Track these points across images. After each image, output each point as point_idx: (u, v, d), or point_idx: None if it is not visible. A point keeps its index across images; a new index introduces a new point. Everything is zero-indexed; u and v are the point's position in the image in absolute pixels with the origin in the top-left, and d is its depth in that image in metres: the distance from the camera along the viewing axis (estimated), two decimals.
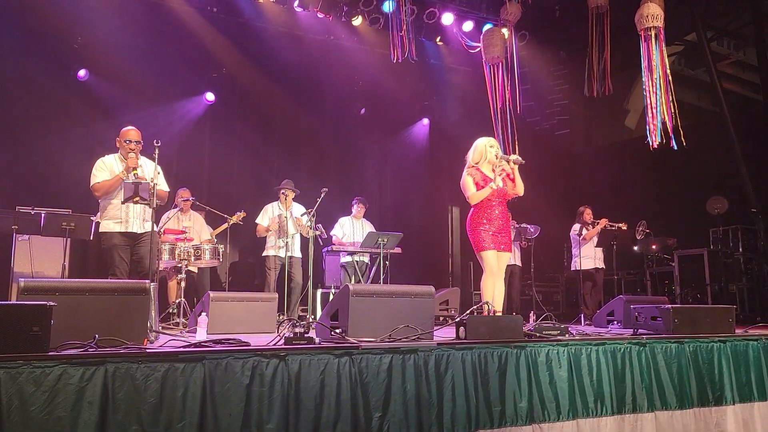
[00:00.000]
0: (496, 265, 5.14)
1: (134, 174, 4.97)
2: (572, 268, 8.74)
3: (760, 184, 8.90)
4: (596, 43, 7.67)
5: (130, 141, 5.12)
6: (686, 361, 4.45)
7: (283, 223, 7.00)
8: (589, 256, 8.39)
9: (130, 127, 5.22)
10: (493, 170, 5.21)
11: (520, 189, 5.34)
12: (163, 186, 5.35)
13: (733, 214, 9.33)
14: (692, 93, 11.62)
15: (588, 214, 8.49)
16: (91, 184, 5.22)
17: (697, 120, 10.56)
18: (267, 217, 7.38)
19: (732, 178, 9.18)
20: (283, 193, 7.33)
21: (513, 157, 5.27)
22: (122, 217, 5.15)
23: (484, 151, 5.29)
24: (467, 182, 5.24)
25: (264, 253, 7.44)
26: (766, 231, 8.79)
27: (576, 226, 8.55)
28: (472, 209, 5.29)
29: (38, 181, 7.88)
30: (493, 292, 5.12)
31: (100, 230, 5.24)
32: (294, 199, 7.37)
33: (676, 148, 6.74)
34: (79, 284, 3.43)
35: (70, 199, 7.52)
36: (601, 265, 8.51)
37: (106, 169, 5.22)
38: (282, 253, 7.08)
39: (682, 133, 6.73)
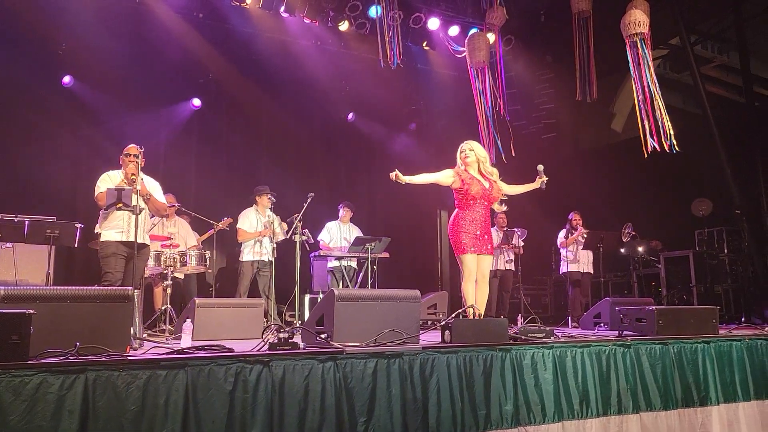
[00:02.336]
0: (475, 269, 5.12)
1: (132, 177, 5.13)
2: (560, 272, 8.79)
3: (744, 186, 8.97)
4: (581, 48, 7.72)
5: (129, 154, 5.33)
6: (671, 362, 4.48)
7: (270, 227, 7.15)
8: (576, 260, 8.44)
9: (131, 145, 5.41)
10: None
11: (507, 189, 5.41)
12: (160, 198, 5.53)
13: (717, 216, 9.41)
14: (677, 96, 11.71)
15: (575, 220, 8.55)
16: (94, 196, 5.37)
17: (682, 123, 10.64)
18: (248, 221, 7.39)
19: (716, 180, 9.25)
20: (269, 198, 7.36)
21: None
22: (124, 227, 5.22)
23: (458, 157, 5.34)
24: (445, 170, 5.26)
25: (242, 258, 7.44)
26: (750, 232, 8.86)
27: (563, 231, 8.63)
28: (455, 211, 5.25)
29: (22, 188, 7.79)
30: (474, 295, 5.09)
31: (101, 239, 5.29)
32: (275, 204, 7.41)
33: (672, 151, 6.80)
34: (60, 292, 3.40)
35: (54, 206, 7.45)
36: (588, 269, 8.55)
37: (109, 181, 5.39)
38: (263, 258, 7.27)
39: (673, 136, 6.79)
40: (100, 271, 5.26)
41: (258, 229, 7.36)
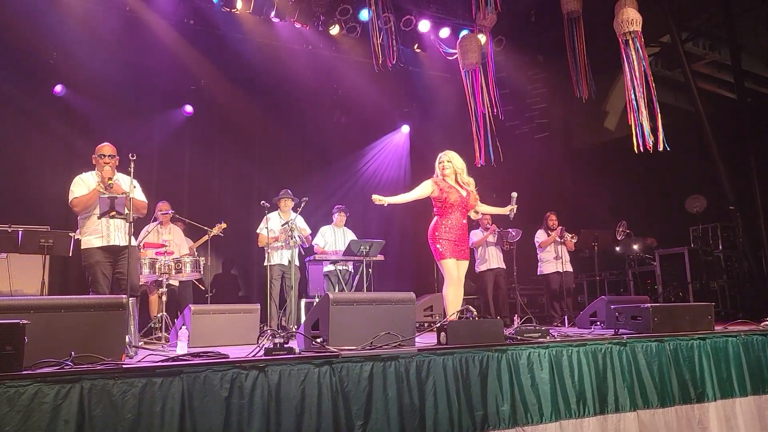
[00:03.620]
0: (456, 273, 5.25)
1: (110, 183, 4.97)
2: (538, 272, 8.82)
3: (737, 182, 9.00)
4: (572, 48, 7.73)
5: (104, 155, 5.16)
6: (667, 360, 4.48)
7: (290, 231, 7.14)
8: (552, 260, 8.49)
9: (104, 143, 5.25)
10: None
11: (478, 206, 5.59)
12: (140, 197, 5.31)
13: (711, 212, 9.43)
14: (670, 94, 11.74)
15: (551, 221, 8.58)
16: (69, 201, 5.20)
17: (675, 120, 10.68)
18: (267, 226, 7.36)
19: (710, 176, 9.28)
20: (290, 201, 7.50)
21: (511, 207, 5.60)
22: (103, 232, 5.11)
23: (436, 167, 5.48)
24: (424, 183, 5.41)
25: (267, 263, 7.42)
26: (744, 228, 8.89)
27: (539, 232, 8.67)
28: (435, 218, 5.40)
29: (15, 198, 7.78)
30: (456, 299, 5.22)
31: (82, 247, 5.18)
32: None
33: (663, 149, 6.82)
34: (54, 301, 3.39)
35: (48, 216, 7.44)
36: (567, 268, 8.54)
37: (83, 184, 5.20)
38: (283, 261, 7.34)
39: (663, 135, 6.81)
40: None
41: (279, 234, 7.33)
